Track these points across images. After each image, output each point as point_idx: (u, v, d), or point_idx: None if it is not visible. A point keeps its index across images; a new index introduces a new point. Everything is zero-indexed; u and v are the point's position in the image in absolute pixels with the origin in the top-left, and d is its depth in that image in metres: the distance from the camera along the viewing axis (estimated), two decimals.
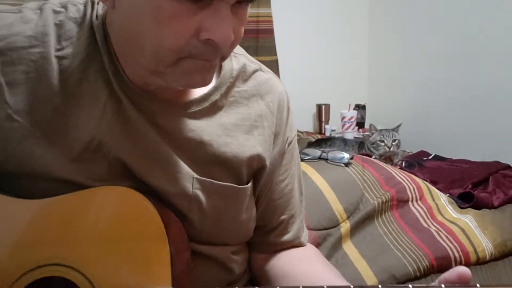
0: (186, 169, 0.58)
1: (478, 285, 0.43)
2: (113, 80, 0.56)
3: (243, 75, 0.65)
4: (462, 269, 0.45)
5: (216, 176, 0.61)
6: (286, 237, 0.70)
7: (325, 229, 1.18)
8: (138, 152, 0.57)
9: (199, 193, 0.59)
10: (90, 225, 0.53)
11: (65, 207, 0.54)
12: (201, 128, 0.59)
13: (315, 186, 1.24)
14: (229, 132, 0.61)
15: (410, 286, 0.46)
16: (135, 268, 0.52)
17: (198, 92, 0.61)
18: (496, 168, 1.57)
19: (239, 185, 0.62)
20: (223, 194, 0.61)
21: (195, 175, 0.59)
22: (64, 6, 0.57)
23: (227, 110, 0.62)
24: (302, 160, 1.41)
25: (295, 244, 0.71)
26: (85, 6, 0.57)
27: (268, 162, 0.65)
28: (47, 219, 0.54)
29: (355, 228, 1.22)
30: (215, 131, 0.60)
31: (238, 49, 0.67)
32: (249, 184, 0.64)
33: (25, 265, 0.53)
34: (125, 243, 0.52)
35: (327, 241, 1.17)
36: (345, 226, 1.21)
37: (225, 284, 0.66)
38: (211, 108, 0.61)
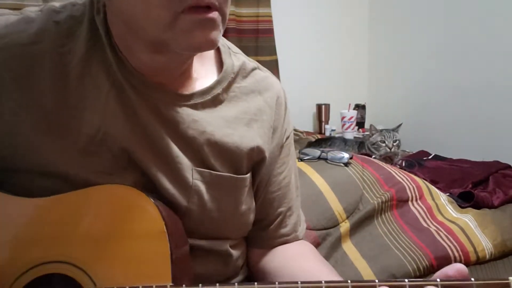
0: (186, 160, 0.60)
1: (473, 279, 0.45)
2: (116, 70, 0.57)
3: (243, 72, 0.67)
4: (460, 266, 0.47)
5: (216, 167, 0.62)
6: (284, 230, 0.72)
7: (325, 229, 1.18)
8: (141, 141, 0.58)
9: (199, 183, 0.61)
10: (92, 223, 0.54)
11: (67, 205, 0.55)
12: (203, 119, 0.61)
13: (314, 186, 1.24)
14: (230, 124, 0.63)
15: (406, 280, 0.47)
16: (136, 266, 0.53)
17: (201, 85, 0.62)
18: (496, 168, 1.57)
19: (238, 175, 0.64)
20: (222, 184, 0.62)
21: (195, 166, 0.60)
22: (64, 6, 0.59)
23: (227, 104, 0.64)
24: (301, 160, 1.41)
25: (292, 237, 0.73)
26: (85, 5, 0.59)
27: (267, 154, 0.67)
28: (49, 217, 0.55)
29: (355, 228, 1.22)
30: (216, 122, 0.62)
31: (236, 48, 0.70)
32: (248, 175, 0.66)
33: (27, 262, 0.53)
34: (126, 241, 0.53)
35: (327, 241, 1.17)
36: (344, 226, 1.21)
37: (224, 278, 0.67)
38: (213, 101, 0.63)
